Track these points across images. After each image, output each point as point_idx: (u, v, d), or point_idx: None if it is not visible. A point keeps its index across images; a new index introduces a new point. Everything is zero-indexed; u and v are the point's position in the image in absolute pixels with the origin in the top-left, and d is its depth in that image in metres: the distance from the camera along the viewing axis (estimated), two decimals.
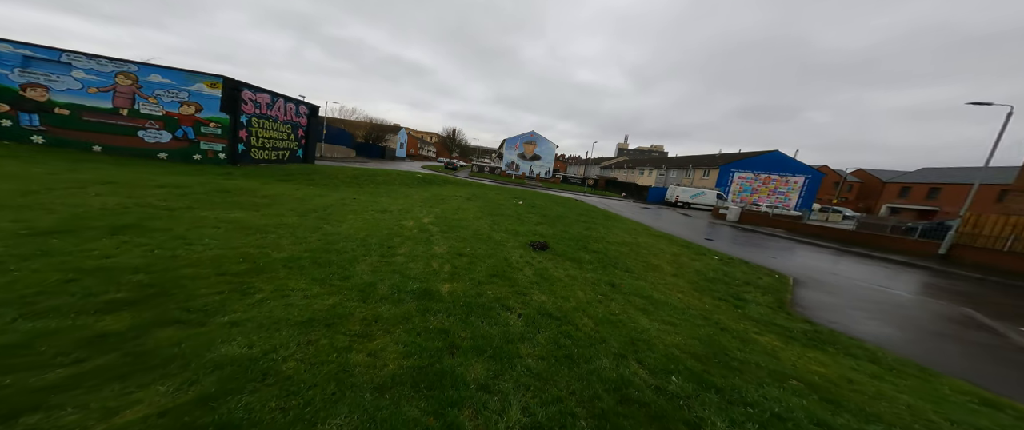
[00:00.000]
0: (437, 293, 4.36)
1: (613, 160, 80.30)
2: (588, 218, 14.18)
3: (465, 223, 9.32)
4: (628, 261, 7.78)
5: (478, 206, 13.00)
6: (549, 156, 47.78)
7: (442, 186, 19.59)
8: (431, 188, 17.92)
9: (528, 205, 15.47)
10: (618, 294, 5.46)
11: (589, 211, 17.24)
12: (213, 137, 13.20)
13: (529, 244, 7.92)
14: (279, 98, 16.04)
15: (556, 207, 16.40)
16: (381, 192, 13.74)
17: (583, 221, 12.92)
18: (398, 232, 7.37)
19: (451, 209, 11.49)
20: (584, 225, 11.98)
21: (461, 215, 10.53)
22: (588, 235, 10.09)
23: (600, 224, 13.00)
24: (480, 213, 11.45)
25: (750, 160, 38.18)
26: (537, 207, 15.12)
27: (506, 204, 14.76)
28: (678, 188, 35.99)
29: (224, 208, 7.26)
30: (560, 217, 13.07)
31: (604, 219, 14.87)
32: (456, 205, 12.70)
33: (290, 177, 13.18)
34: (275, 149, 16.32)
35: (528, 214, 12.59)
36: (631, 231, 12.66)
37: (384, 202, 11.36)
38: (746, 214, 23.44)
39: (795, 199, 38.35)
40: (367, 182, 15.34)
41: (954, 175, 44.61)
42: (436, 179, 21.40)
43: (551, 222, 11.61)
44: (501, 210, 12.72)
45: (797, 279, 8.47)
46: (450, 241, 7.27)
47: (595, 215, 15.70)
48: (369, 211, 9.29)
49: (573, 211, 15.85)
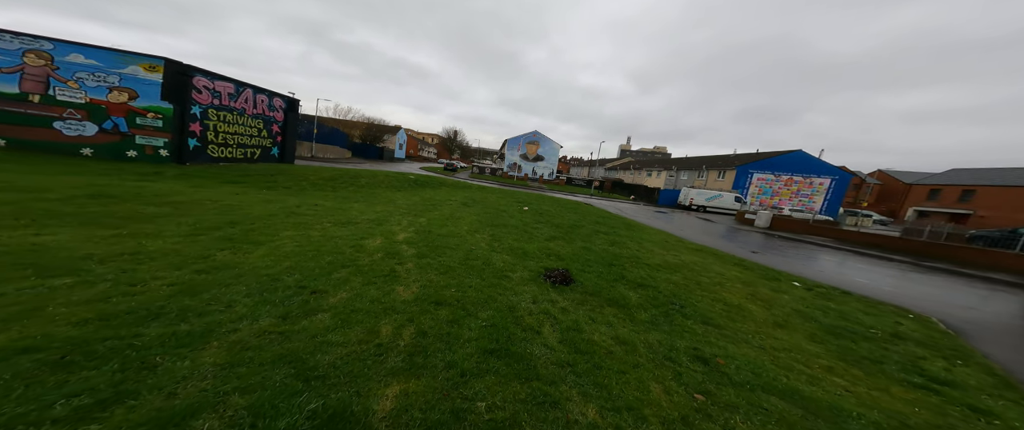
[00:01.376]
0: (361, 421, 1.95)
1: (618, 161, 77.71)
2: (607, 227, 11.70)
3: (456, 240, 6.89)
4: (693, 299, 5.30)
5: (475, 214, 10.58)
6: (553, 157, 45.38)
7: (436, 189, 17.19)
8: (422, 191, 15.53)
9: (535, 211, 13.03)
10: (728, 388, 2.98)
11: (604, 218, 14.77)
12: (153, 130, 10.84)
13: (544, 275, 5.47)
14: (246, 88, 13.76)
15: (567, 213, 13.95)
16: (358, 197, 11.34)
17: (603, 232, 10.45)
18: (350, 260, 4.95)
19: (441, 218, 9.08)
20: (607, 238, 9.52)
21: (452, 227, 8.12)
22: (618, 253, 7.62)
23: (624, 235, 10.52)
24: (477, 223, 9.04)
25: (770, 160, 35.55)
26: (546, 214, 12.68)
27: (509, 210, 12.34)
28: (693, 190, 33.46)
29: (56, 224, 4.88)
30: (574, 227, 10.61)
31: (626, 228, 12.39)
32: (449, 212, 10.30)
33: (244, 178, 10.82)
34: (242, 146, 14.01)
35: (536, 224, 10.15)
36: (664, 244, 10.17)
37: (355, 210, 8.97)
38: (778, 219, 20.83)
39: (820, 202, 35.62)
40: (345, 185, 12.97)
41: (991, 177, 41.68)
42: (431, 181, 19.02)
43: (566, 234, 9.16)
44: (503, 219, 10.29)
45: (945, 322, 5.91)
46: (427, 273, 4.82)
47: (614, 224, 13.23)
48: (325, 224, 6.88)
49: (587, 219, 13.39)
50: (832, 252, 14.30)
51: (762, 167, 35.48)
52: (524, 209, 13.40)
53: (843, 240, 17.37)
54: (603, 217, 14.81)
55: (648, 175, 53.65)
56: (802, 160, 35.18)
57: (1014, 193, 38.40)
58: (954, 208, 42.78)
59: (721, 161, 40.82)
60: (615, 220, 14.50)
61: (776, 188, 35.68)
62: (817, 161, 35.21)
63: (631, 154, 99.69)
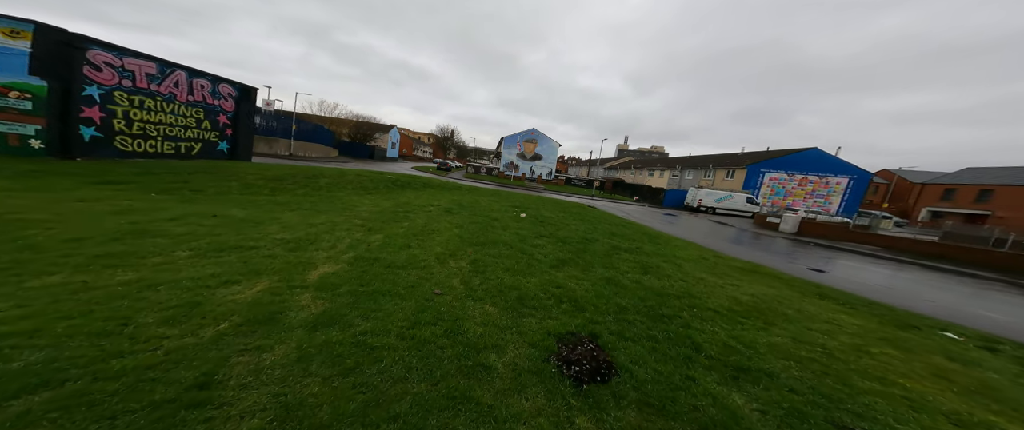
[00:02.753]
0: None
1: (617, 161, 75.25)
2: (627, 241, 9.11)
3: (412, 275, 4.26)
4: (856, 398, 2.70)
5: (458, 225, 7.95)
6: (551, 156, 42.80)
7: (419, 191, 14.53)
8: (400, 194, 12.87)
9: (534, 219, 10.41)
10: None
11: (618, 226, 12.17)
12: (16, 114, 8.05)
13: (556, 356, 2.87)
14: (176, 70, 11.03)
15: (573, 221, 11.34)
16: (303, 203, 8.65)
17: (625, 249, 7.85)
18: (120, 349, 2.31)
19: (405, 235, 6.45)
20: (632, 258, 6.92)
21: (417, 250, 5.50)
22: (660, 289, 5.01)
23: (652, 252, 7.92)
24: (457, 241, 6.41)
25: (783, 159, 33.14)
26: (548, 223, 10.07)
27: (502, 218, 9.71)
28: (701, 191, 31.01)
29: None
30: (587, 242, 8.00)
31: (649, 241, 9.79)
32: (422, 223, 7.66)
33: (139, 178, 8.05)
34: (171, 139, 11.28)
35: (537, 239, 7.52)
36: (707, 264, 7.58)
37: (280, 223, 6.30)
38: (809, 224, 18.29)
39: (837, 203, 33.26)
40: (295, 187, 10.27)
41: (1009, 176, 39.53)
42: (414, 182, 16.35)
43: (578, 255, 6.55)
44: (493, 232, 7.67)
45: None
46: (306, 378, 2.18)
47: (632, 234, 10.62)
48: (181, 252, 4.22)
49: (599, 228, 10.79)
50: (897, 266, 11.74)
51: (774, 166, 33.06)
52: (521, 216, 10.79)
53: (894, 249, 14.83)
54: (616, 225, 12.21)
55: (650, 175, 51.19)
56: (818, 158, 32.78)
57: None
58: (971, 209, 40.62)
59: (729, 160, 38.39)
60: (631, 229, 11.90)
61: (790, 188, 33.26)
62: (834, 159, 32.82)
63: (629, 154, 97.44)
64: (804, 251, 13.45)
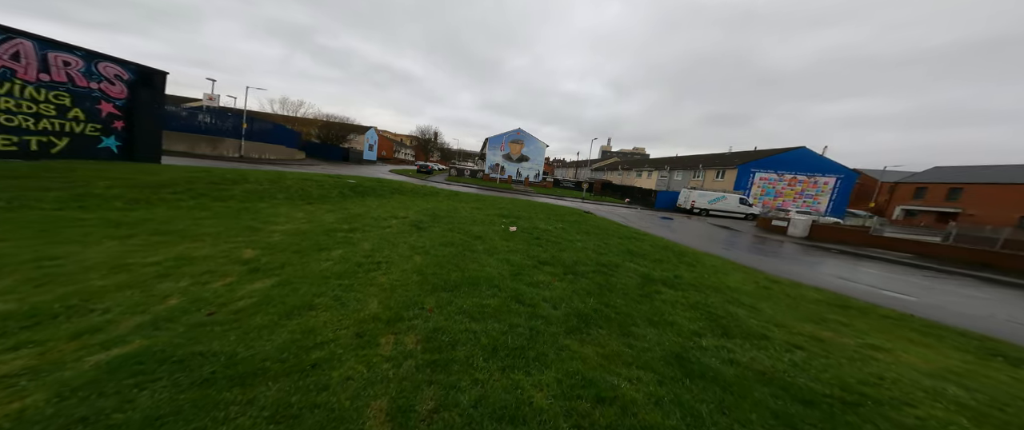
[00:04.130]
0: None
1: (604, 161, 74.01)
2: (658, 265, 6.68)
3: (277, 386, 1.60)
4: None
5: (425, 247, 5.27)
6: (539, 157, 40.51)
7: (384, 199, 11.67)
8: (357, 203, 10.00)
9: (527, 234, 7.83)
10: None
11: (632, 239, 9.79)
12: None
13: None
14: (17, 38, 7.80)
15: (576, 234, 8.85)
16: (177, 223, 5.66)
17: (663, 280, 5.39)
18: None
19: (327, 273, 3.74)
20: (685, 300, 4.46)
21: (332, 310, 2.81)
22: (792, 384, 2.55)
23: (702, 285, 5.51)
24: (413, 282, 3.74)
25: (772, 158, 32.14)
26: (545, 238, 7.52)
27: (486, 234, 7.08)
28: (694, 192, 29.43)
29: None
30: (606, 270, 5.49)
31: (682, 262, 7.41)
32: (369, 248, 4.95)
33: None
34: (11, 132, 8.00)
35: (536, 270, 4.95)
36: (797, 306, 5.23)
37: (74, 260, 3.46)
38: (821, 228, 16.60)
39: (825, 203, 32.54)
40: (187, 197, 7.21)
41: (977, 174, 40.36)
42: (381, 187, 13.45)
43: (601, 296, 4.03)
44: (473, 260, 5.03)
45: None
46: None
47: (656, 252, 8.22)
48: None
49: (610, 242, 8.34)
50: (958, 281, 9.84)
51: (764, 166, 32.01)
52: (511, 230, 8.19)
53: (930, 256, 13.10)
54: (627, 238, 9.80)
55: (638, 176, 49.84)
56: (806, 157, 31.97)
57: (1003, 190, 37.01)
58: (942, 206, 41.24)
59: (719, 160, 37.26)
60: (647, 242, 9.51)
61: (779, 188, 32.30)
62: (821, 159, 32.10)
63: (614, 155, 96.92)
64: (838, 262, 11.50)
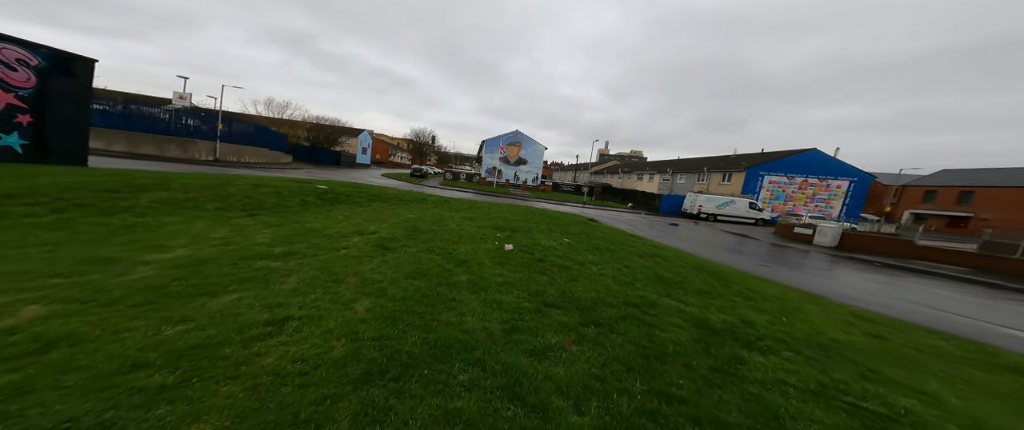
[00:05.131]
0: None
1: (603, 165, 72.39)
2: (717, 304, 4.85)
3: None
4: None
5: (382, 285, 3.44)
6: (537, 160, 38.76)
7: (358, 207, 9.83)
8: (319, 214, 8.14)
9: (526, 252, 5.99)
10: None
11: (655, 257, 7.95)
12: None
13: None
14: None
15: (586, 252, 7.01)
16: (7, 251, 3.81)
17: (751, 341, 3.56)
18: None
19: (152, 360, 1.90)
20: (822, 405, 2.64)
21: None
22: None
23: (792, 342, 3.68)
24: (328, 374, 1.91)
25: (782, 161, 30.48)
26: (551, 259, 5.68)
27: (474, 257, 5.25)
28: (701, 196, 27.70)
29: None
30: (638, 314, 3.66)
31: (746, 300, 5.59)
32: (291, 288, 3.11)
33: None
34: None
35: (541, 326, 3.12)
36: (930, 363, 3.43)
37: None
38: (852, 237, 14.83)
39: (838, 207, 30.87)
40: (72, 206, 5.39)
41: (988, 177, 38.84)
42: (358, 194, 11.60)
43: (663, 387, 2.19)
44: (449, 310, 3.21)
45: None
46: None
47: (692, 275, 6.38)
48: None
49: (635, 265, 6.52)
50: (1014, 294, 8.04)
51: (774, 168, 30.33)
52: (507, 248, 6.35)
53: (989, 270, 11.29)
54: (649, 255, 7.95)
55: (639, 179, 48.16)
56: (818, 160, 30.31)
57: (1016, 193, 35.48)
58: (953, 210, 39.72)
59: (725, 162, 35.59)
60: (674, 260, 7.67)
61: (790, 192, 30.62)
62: (834, 161, 30.45)
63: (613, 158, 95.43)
64: (894, 280, 9.69)
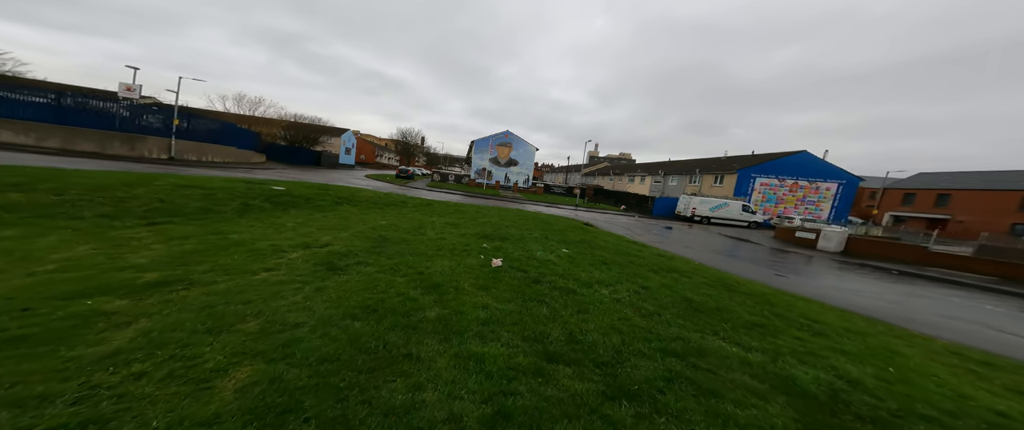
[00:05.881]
0: None
1: (594, 167, 71.89)
2: (785, 344, 3.59)
3: None
4: None
5: (315, 323, 2.05)
6: (528, 161, 37.55)
7: (318, 214, 8.30)
8: (263, 221, 6.60)
9: (522, 275, 4.64)
10: None
11: (667, 269, 6.74)
12: None
13: None
14: None
15: (591, 266, 5.73)
16: None
17: (884, 424, 2.30)
18: None
19: None
20: None
21: None
22: None
23: (937, 420, 2.45)
24: None
25: (773, 163, 30.17)
26: (549, 277, 4.36)
27: (451, 278, 3.87)
28: (694, 198, 27.03)
29: None
30: (697, 366, 2.35)
31: (820, 337, 4.37)
32: (109, 352, 1.69)
33: None
34: None
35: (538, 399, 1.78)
36: None
37: None
38: (860, 242, 14.10)
39: (827, 209, 30.75)
40: None
41: (963, 180, 39.79)
42: (323, 197, 10.03)
43: None
44: (408, 352, 1.83)
45: None
46: None
47: (739, 305, 5.16)
48: None
49: (652, 284, 5.25)
50: None
51: (765, 170, 29.98)
52: (494, 264, 4.99)
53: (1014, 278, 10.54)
54: (666, 269, 6.70)
55: (630, 181, 47.57)
56: (807, 162, 30.10)
57: (992, 197, 36.35)
58: (931, 213, 40.46)
59: (717, 164, 35.18)
60: (696, 273, 6.45)
61: (781, 194, 30.31)
62: (823, 163, 30.32)
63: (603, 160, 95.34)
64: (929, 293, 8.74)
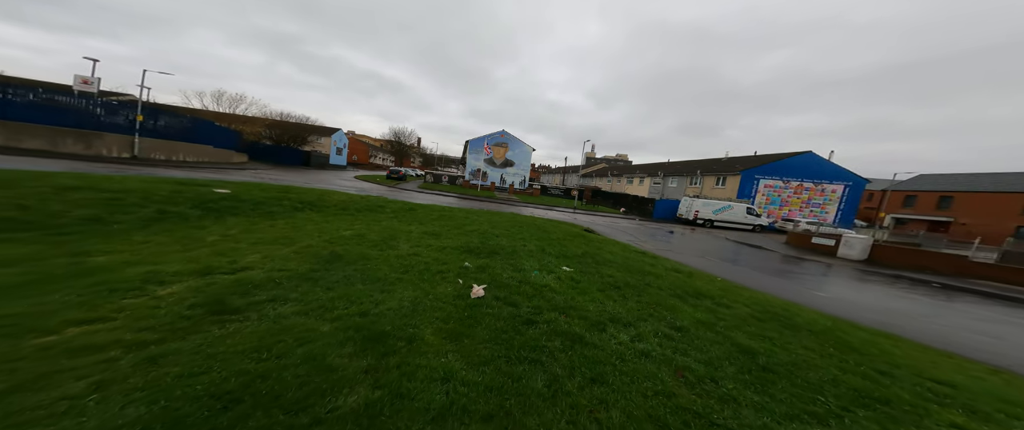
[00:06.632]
0: None
1: (592, 168, 70.70)
2: None
3: None
4: None
5: None
6: (524, 162, 36.16)
7: (267, 221, 6.83)
8: (184, 232, 5.13)
9: (509, 311, 3.22)
10: None
11: (720, 303, 5.32)
12: None
13: None
14: None
15: (603, 297, 4.31)
16: None
17: None
18: None
19: None
20: None
21: None
22: None
23: None
24: None
25: (777, 164, 29.02)
26: (543, 318, 2.94)
27: (403, 326, 2.47)
28: (697, 201, 25.77)
29: None
30: None
31: None
32: None
33: None
34: None
35: None
36: None
37: None
38: (885, 250, 12.84)
39: (833, 212, 29.64)
40: None
41: (965, 182, 38.97)
42: (281, 202, 8.56)
43: None
44: None
45: None
46: None
47: (815, 366, 3.76)
48: None
49: (684, 321, 3.85)
50: None
51: (769, 172, 28.82)
52: (474, 293, 3.57)
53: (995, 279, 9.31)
54: (694, 293, 5.30)
55: (629, 182, 46.37)
56: (812, 163, 28.99)
57: (995, 199, 35.53)
58: (933, 215, 39.64)
59: (719, 165, 34.02)
60: (737, 299, 5.04)
61: (785, 196, 29.18)
62: (828, 164, 29.22)
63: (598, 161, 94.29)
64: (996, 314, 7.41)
